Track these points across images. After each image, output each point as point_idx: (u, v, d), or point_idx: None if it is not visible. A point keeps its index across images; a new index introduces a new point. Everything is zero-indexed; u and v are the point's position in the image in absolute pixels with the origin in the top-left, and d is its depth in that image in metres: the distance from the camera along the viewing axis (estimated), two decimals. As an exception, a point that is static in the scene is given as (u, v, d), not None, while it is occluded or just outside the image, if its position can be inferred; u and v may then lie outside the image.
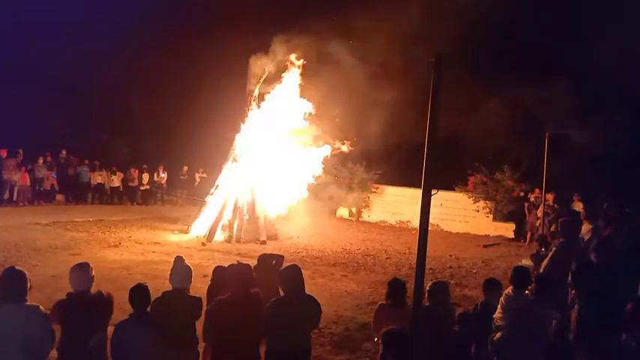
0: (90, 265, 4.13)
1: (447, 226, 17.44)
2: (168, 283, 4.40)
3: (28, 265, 8.55)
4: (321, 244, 13.34)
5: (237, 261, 4.78)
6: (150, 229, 13.67)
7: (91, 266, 4.13)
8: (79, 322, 3.91)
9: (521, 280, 4.70)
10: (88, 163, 18.93)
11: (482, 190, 17.01)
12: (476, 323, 4.70)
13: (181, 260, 4.46)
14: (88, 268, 4.10)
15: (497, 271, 10.64)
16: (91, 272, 4.10)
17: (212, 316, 4.12)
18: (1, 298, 3.57)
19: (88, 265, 4.12)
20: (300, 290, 4.23)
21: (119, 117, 21.49)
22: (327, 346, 6.13)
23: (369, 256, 12.01)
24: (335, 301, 7.93)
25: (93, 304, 4.02)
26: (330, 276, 9.73)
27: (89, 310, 3.97)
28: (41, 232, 12.03)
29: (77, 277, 4.05)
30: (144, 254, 10.57)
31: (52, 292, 6.23)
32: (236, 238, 12.95)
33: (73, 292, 4.03)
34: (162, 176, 20.31)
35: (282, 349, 4.06)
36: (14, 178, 16.28)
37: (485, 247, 14.57)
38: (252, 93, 14.57)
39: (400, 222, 18.47)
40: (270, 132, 14.18)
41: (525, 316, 4.41)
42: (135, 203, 19.53)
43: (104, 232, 12.72)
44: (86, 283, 4.05)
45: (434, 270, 10.64)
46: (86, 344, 3.89)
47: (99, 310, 4.05)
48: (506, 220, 16.80)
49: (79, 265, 4.13)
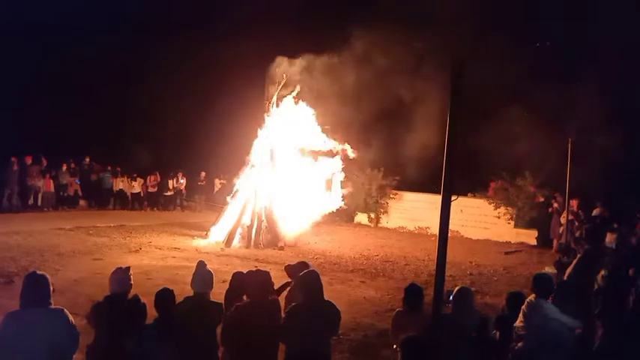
0: (130, 270, 4.23)
1: (467, 232, 17.24)
2: (188, 288, 4.43)
3: (52, 269, 8.70)
4: (339, 250, 13.31)
5: (255, 267, 4.79)
6: (170, 235, 13.82)
7: (130, 271, 4.22)
8: (114, 324, 3.97)
9: (543, 287, 4.60)
10: (110, 169, 19.26)
11: (503, 196, 16.79)
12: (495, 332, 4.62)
13: (203, 265, 4.48)
14: (128, 271, 4.20)
15: (519, 279, 10.46)
16: (130, 276, 4.20)
17: (231, 322, 4.13)
18: (27, 302, 3.63)
19: (128, 269, 4.22)
20: (319, 296, 4.22)
21: (140, 124, 21.84)
22: (346, 352, 6.09)
23: (388, 263, 11.93)
24: (353, 307, 7.88)
25: (129, 308, 4.08)
26: (348, 282, 9.69)
27: (125, 314, 4.03)
28: (64, 237, 12.25)
29: (118, 279, 4.15)
30: (164, 259, 10.68)
31: (74, 296, 6.36)
32: (254, 244, 13.01)
33: (110, 294, 4.11)
34: (182, 182, 20.55)
35: (301, 354, 4.05)
36: (38, 184, 16.64)
37: (506, 254, 14.35)
38: (270, 99, 14.67)
39: (419, 228, 18.32)
40: (287, 138, 14.26)
41: (548, 324, 4.32)
42: (155, 209, 19.79)
43: (125, 238, 12.90)
44: (125, 286, 4.15)
45: (454, 277, 10.50)
46: (119, 347, 3.92)
47: (134, 314, 4.10)
48: (528, 227, 16.53)
49: (121, 268, 4.23)
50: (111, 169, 19.30)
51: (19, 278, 7.71)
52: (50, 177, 17.13)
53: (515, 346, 4.48)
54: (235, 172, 15.39)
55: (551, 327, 4.31)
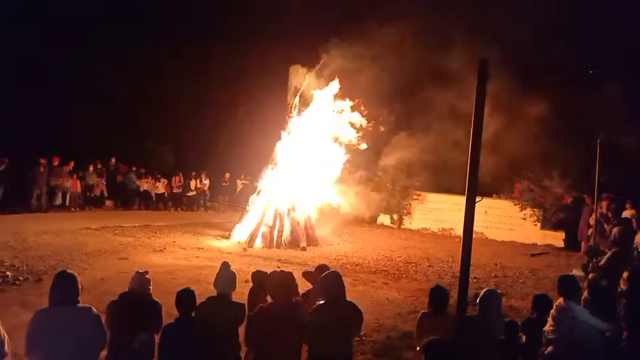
0: (147, 273, 4.38)
1: (491, 234, 16.98)
2: (212, 287, 4.47)
3: (79, 268, 8.87)
4: (362, 251, 13.25)
5: (278, 267, 4.80)
6: (193, 235, 13.97)
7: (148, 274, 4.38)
8: (125, 322, 4.04)
9: (569, 289, 4.48)
10: (135, 170, 19.60)
11: (529, 197, 16.48)
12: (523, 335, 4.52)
13: (227, 266, 4.51)
14: (146, 274, 4.35)
15: (546, 281, 10.25)
16: (148, 280, 4.34)
17: (255, 323, 4.15)
18: (56, 301, 3.72)
19: (146, 272, 4.37)
20: (342, 297, 4.20)
21: (165, 126, 22.18)
22: (368, 354, 6.05)
23: (411, 264, 11.83)
24: (376, 308, 7.83)
25: (139, 306, 4.14)
26: (370, 283, 9.63)
27: (134, 311, 4.09)
28: (91, 237, 12.50)
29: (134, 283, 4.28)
30: (187, 259, 10.80)
31: (100, 294, 6.46)
32: (277, 244, 13.06)
33: (126, 291, 4.22)
34: (205, 183, 20.77)
35: (323, 355, 4.03)
36: (66, 184, 17.03)
37: (532, 256, 14.07)
38: (292, 101, 14.72)
39: (443, 229, 18.13)
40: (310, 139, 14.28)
41: (578, 328, 4.20)
42: (179, 209, 20.05)
43: (150, 237, 13.09)
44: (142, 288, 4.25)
45: (478, 279, 10.36)
46: (130, 344, 4.00)
47: (144, 312, 4.16)
48: (555, 229, 16.19)
49: (139, 272, 4.38)
50: (136, 170, 19.64)
51: (47, 277, 7.89)
52: (77, 178, 17.52)
53: (545, 350, 4.38)
54: (257, 172, 15.50)
55: (581, 330, 4.19)
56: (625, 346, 4.62)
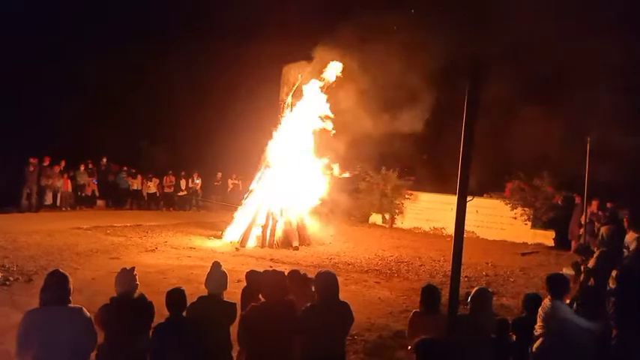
0: (135, 270, 4.25)
1: (482, 233, 17.08)
2: (203, 287, 4.46)
3: (70, 268, 8.82)
4: (354, 250, 13.28)
5: (270, 267, 4.80)
6: (185, 235, 13.93)
7: (135, 271, 4.25)
8: (122, 325, 3.99)
9: (557, 287, 4.53)
10: (126, 169, 19.49)
11: (519, 196, 16.58)
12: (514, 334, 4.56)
13: (218, 266, 4.51)
14: (133, 271, 4.23)
15: (536, 280, 10.32)
16: (135, 276, 4.21)
17: (247, 322, 4.16)
18: (47, 301, 3.69)
19: (133, 269, 4.25)
20: (335, 296, 4.22)
21: (157, 125, 22.08)
22: (360, 353, 6.07)
23: (403, 263, 11.87)
24: (368, 308, 7.85)
25: (135, 308, 4.11)
26: (362, 283, 9.66)
27: (131, 314, 4.06)
28: (82, 237, 12.42)
29: (122, 279, 4.17)
30: (179, 259, 10.77)
31: (92, 294, 6.44)
32: (269, 244, 13.05)
33: (117, 296, 4.12)
34: (197, 182, 20.71)
35: (316, 354, 4.04)
36: (57, 184, 16.91)
37: (523, 255, 14.17)
38: (284, 101, 14.70)
39: (434, 229, 18.21)
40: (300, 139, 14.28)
41: (565, 326, 4.25)
42: (171, 209, 19.97)
43: (141, 237, 13.04)
44: (130, 286, 4.16)
45: (469, 278, 10.42)
46: (127, 347, 3.96)
47: (141, 314, 4.13)
48: (545, 228, 16.30)
49: (125, 269, 4.25)
50: (127, 169, 19.53)
51: (38, 277, 7.84)
52: (68, 177, 17.40)
53: (534, 347, 4.42)
54: (249, 172, 15.48)
55: (568, 329, 4.24)
56: (614, 345, 4.68)
